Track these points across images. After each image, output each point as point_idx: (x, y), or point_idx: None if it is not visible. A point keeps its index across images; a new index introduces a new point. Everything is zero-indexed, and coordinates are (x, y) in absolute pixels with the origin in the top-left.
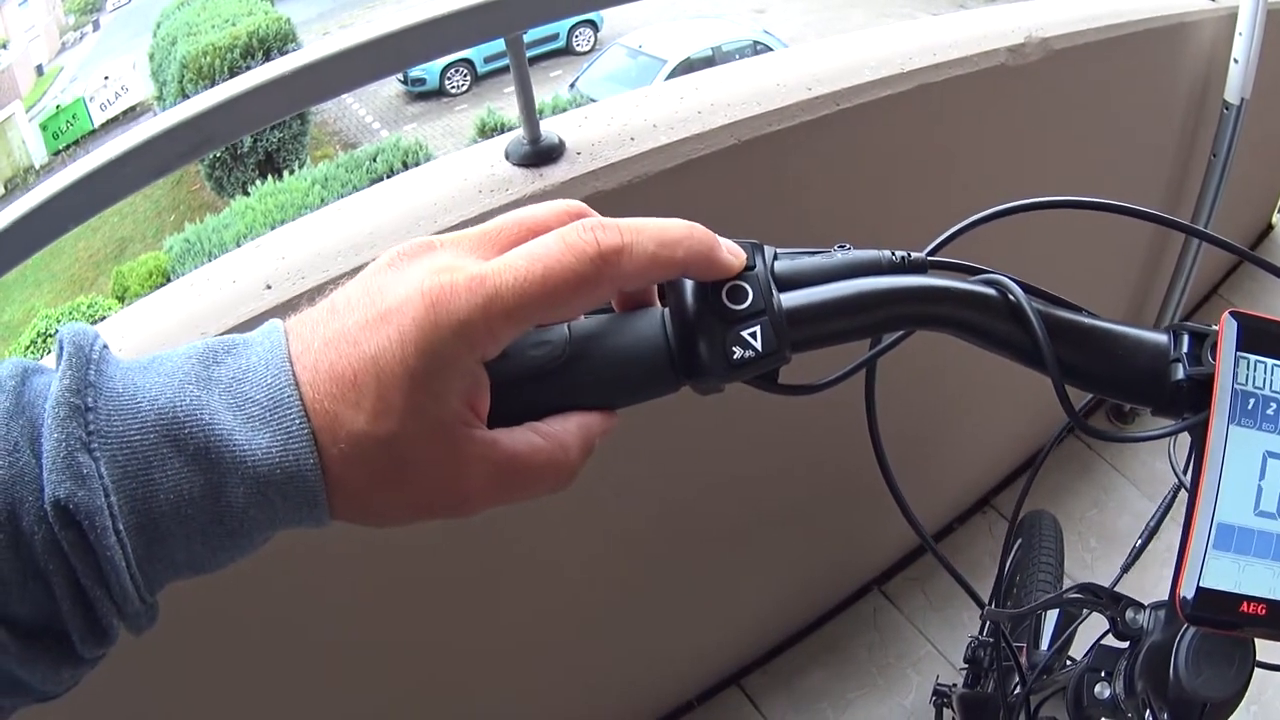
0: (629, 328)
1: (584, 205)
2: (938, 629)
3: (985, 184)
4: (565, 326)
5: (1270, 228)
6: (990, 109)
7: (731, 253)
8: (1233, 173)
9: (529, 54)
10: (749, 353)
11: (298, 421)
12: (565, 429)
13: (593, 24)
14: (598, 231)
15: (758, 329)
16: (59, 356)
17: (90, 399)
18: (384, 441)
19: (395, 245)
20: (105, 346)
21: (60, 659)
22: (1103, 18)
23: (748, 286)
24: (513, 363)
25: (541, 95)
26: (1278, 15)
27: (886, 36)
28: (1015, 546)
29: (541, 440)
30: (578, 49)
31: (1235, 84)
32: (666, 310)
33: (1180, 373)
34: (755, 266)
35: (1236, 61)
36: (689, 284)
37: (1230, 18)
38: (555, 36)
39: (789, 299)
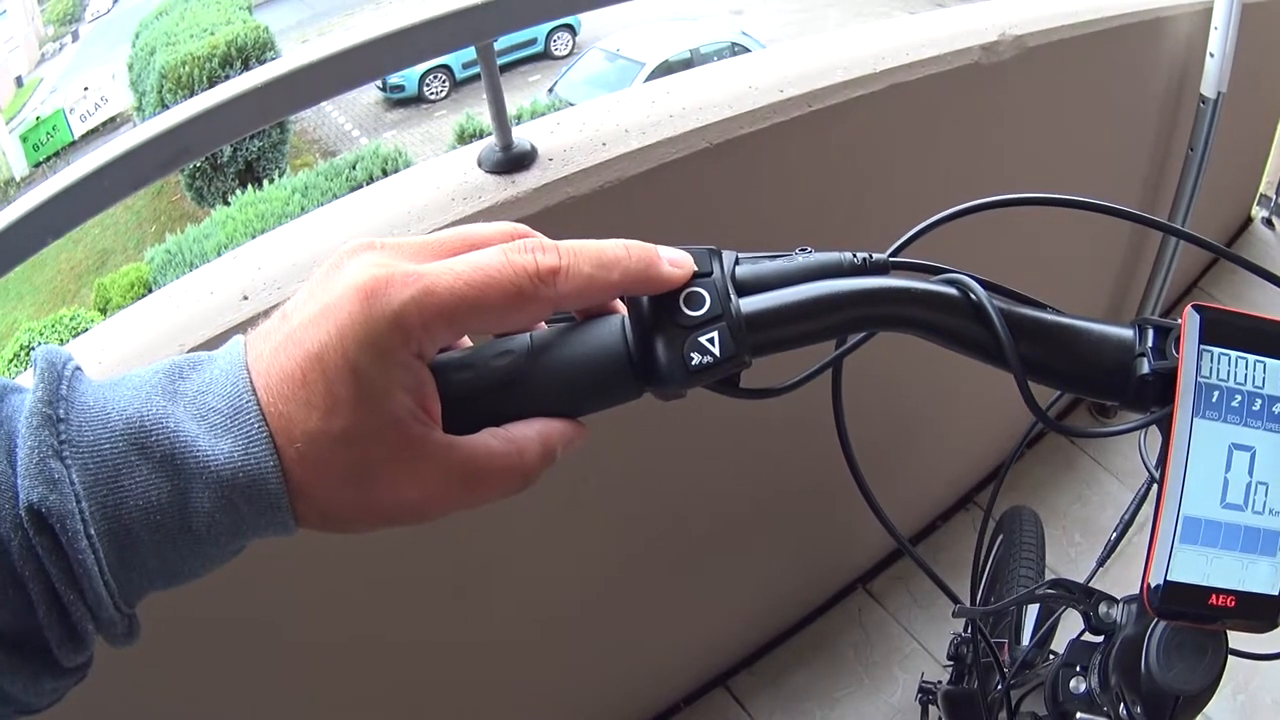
0: (590, 336)
1: (528, 228)
2: (923, 626)
3: (961, 183)
4: (528, 336)
5: (1249, 220)
6: (965, 107)
7: (675, 264)
8: (1210, 166)
9: (507, 59)
10: (707, 358)
11: (256, 426)
12: (524, 434)
13: (571, 28)
14: (537, 253)
15: (715, 334)
16: (34, 373)
17: (62, 410)
18: (338, 438)
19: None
20: (78, 366)
21: (41, 669)
22: (1078, 14)
23: (704, 293)
24: (476, 373)
25: (520, 100)
26: (1253, 9)
27: (860, 37)
28: (997, 543)
29: (498, 444)
30: (556, 53)
31: (1211, 78)
32: (627, 318)
33: (1145, 367)
34: (712, 273)
35: (1212, 55)
36: None
37: (1206, 12)
38: (533, 41)
39: (748, 304)
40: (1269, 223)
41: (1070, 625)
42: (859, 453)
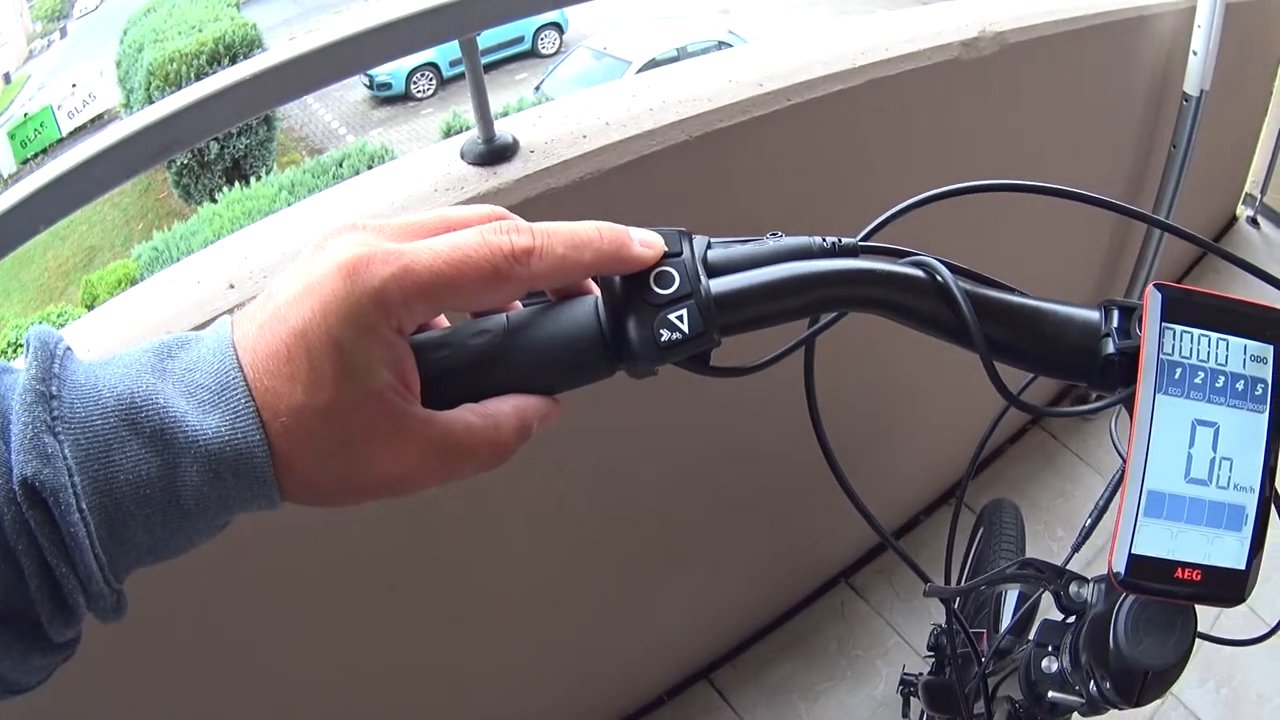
0: (565, 315)
1: (506, 211)
2: (905, 620)
3: (940, 177)
4: (504, 316)
5: (1234, 219)
6: (944, 102)
7: (646, 244)
8: (1194, 164)
9: (494, 57)
10: (676, 335)
11: (243, 401)
12: (501, 410)
13: (558, 26)
14: (513, 234)
15: (684, 312)
16: (27, 352)
17: (55, 388)
18: (322, 412)
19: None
20: (68, 347)
21: (31, 645)
22: (1059, 11)
23: (674, 272)
24: (454, 351)
25: (507, 98)
26: (1236, 8)
27: (840, 33)
28: (978, 536)
29: (477, 419)
30: (543, 51)
31: (1194, 76)
32: (600, 298)
33: (1111, 347)
34: (682, 253)
35: (1195, 54)
36: None
37: (1189, 10)
38: (520, 39)
39: (718, 284)
40: (1254, 222)
41: (1048, 614)
42: (840, 446)
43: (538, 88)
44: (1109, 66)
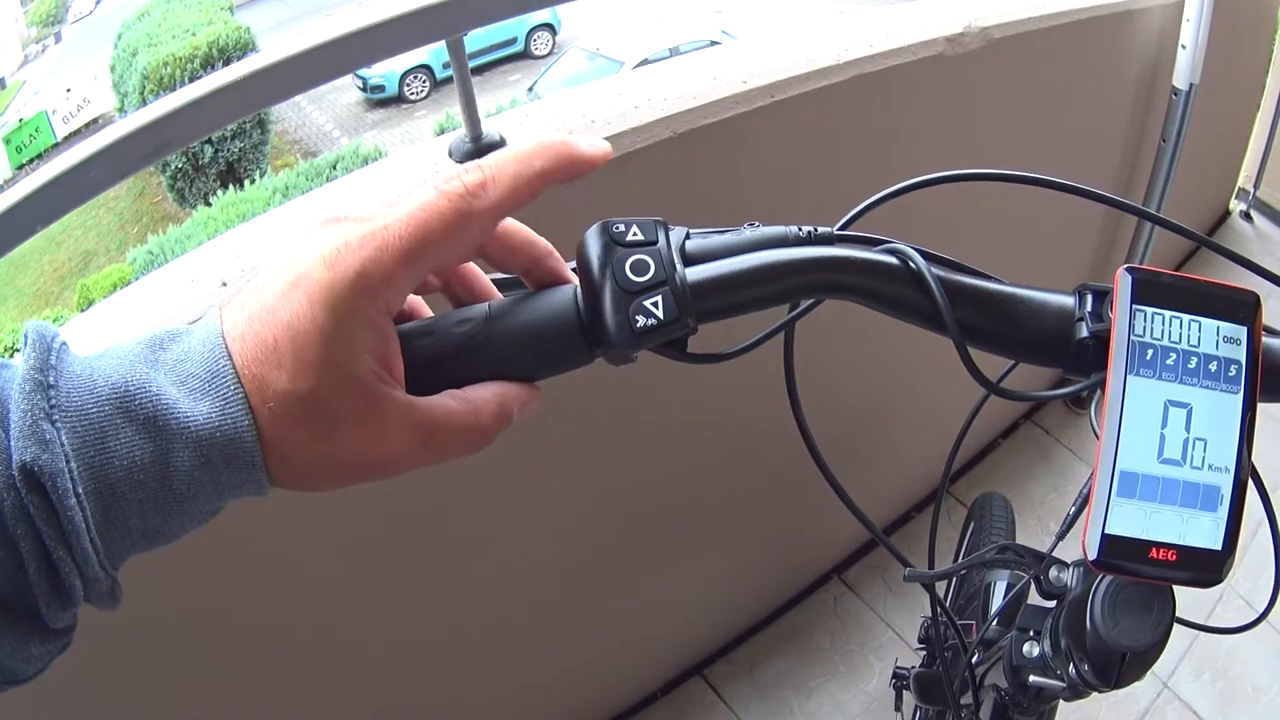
0: (543, 302)
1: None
2: (898, 614)
3: (926, 172)
4: (486, 305)
5: (1228, 213)
6: (930, 97)
7: (593, 145)
8: (1185, 158)
9: (488, 58)
10: (651, 321)
11: (233, 387)
12: (481, 395)
13: (551, 27)
14: (463, 175)
15: (660, 298)
16: (25, 344)
17: (52, 378)
18: (306, 397)
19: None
20: (64, 341)
21: (29, 632)
22: (1045, 6)
23: (649, 259)
24: (437, 339)
25: (500, 99)
26: (1225, 1)
27: (825, 29)
28: (969, 531)
29: (456, 404)
30: (536, 53)
31: (1183, 70)
32: (579, 286)
33: (1084, 330)
34: (658, 241)
35: (1184, 47)
36: (596, 261)
37: (1178, 4)
38: (513, 41)
39: (694, 272)
40: (1247, 216)
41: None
42: (829, 444)
43: (531, 89)
44: (1096, 61)
